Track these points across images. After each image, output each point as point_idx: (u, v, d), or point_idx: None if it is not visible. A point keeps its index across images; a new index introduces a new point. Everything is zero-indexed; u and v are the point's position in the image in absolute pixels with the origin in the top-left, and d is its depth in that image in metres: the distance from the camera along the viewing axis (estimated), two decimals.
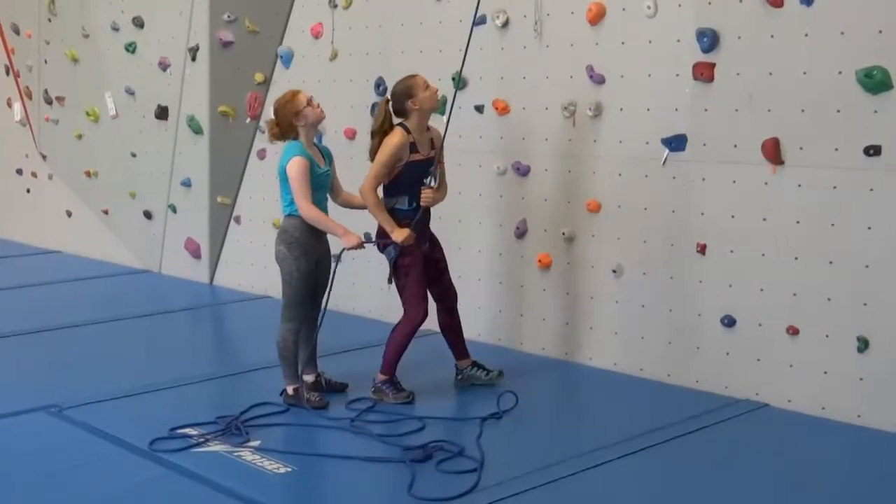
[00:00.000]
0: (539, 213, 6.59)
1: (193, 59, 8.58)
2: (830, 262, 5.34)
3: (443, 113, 6.45)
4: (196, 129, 8.64)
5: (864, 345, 5.24)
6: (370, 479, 4.60)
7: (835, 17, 5.24)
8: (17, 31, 10.75)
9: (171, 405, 5.56)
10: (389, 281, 5.69)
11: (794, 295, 5.48)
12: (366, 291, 7.31)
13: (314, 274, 5.55)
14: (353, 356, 6.38)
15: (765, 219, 5.57)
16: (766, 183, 5.55)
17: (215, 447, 4.90)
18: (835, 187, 5.31)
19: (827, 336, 5.37)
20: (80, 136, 10.05)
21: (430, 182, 5.59)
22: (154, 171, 9.18)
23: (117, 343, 7.01)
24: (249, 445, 4.92)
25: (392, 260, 5.61)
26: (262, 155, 8.43)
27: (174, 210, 9.06)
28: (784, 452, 4.97)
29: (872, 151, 5.16)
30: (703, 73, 5.73)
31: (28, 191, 11.01)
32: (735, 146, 5.66)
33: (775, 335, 5.56)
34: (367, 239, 6.26)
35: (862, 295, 5.25)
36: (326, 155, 5.67)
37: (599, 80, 6.20)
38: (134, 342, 7.09)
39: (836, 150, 5.28)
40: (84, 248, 10.19)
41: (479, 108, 6.83)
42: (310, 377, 5.71)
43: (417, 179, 5.59)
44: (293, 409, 5.47)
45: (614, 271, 6.21)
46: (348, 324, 5.82)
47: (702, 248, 5.83)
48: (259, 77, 8.38)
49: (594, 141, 6.27)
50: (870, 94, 5.14)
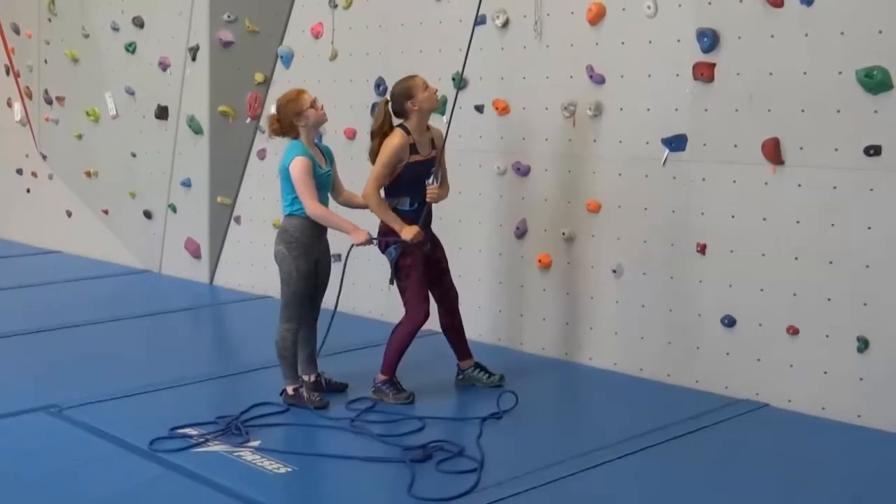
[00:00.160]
0: (539, 213, 6.59)
1: (193, 59, 8.58)
2: (830, 262, 5.34)
3: (443, 113, 6.46)
4: (196, 129, 8.64)
5: (864, 345, 5.24)
6: (370, 479, 4.60)
7: (835, 17, 5.23)
8: (17, 31, 10.75)
9: (171, 405, 5.56)
10: (391, 282, 5.68)
11: (795, 295, 5.48)
12: (366, 291, 7.32)
13: (314, 274, 5.55)
14: (354, 356, 6.38)
15: (765, 219, 5.57)
16: (766, 183, 5.55)
17: (215, 447, 4.90)
18: (835, 187, 5.31)
19: (827, 336, 5.37)
20: (80, 136, 10.05)
21: (432, 182, 5.59)
22: (154, 171, 9.18)
23: (117, 343, 7.01)
24: (249, 445, 4.92)
25: (393, 261, 5.61)
26: (262, 155, 8.43)
27: (174, 210, 9.06)
28: (784, 452, 4.96)
29: (872, 151, 5.16)
30: (704, 73, 5.73)
31: (28, 191, 11.01)
32: (735, 146, 5.66)
33: (775, 335, 5.56)
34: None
35: (862, 295, 5.24)
36: (327, 155, 5.67)
37: (599, 80, 6.20)
38: (134, 342, 7.09)
39: (837, 150, 5.28)
40: (84, 248, 10.19)
41: (479, 108, 6.83)
42: (310, 377, 5.71)
43: (418, 180, 5.59)
44: (293, 409, 5.47)
45: (614, 271, 6.21)
46: (348, 324, 5.82)
47: (702, 248, 5.83)
48: (259, 77, 8.38)
49: (594, 141, 6.27)
50: (870, 94, 5.14)
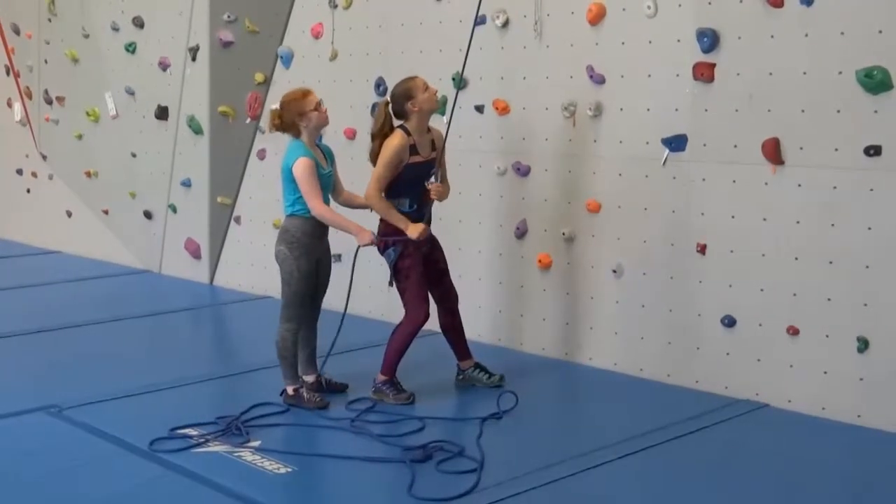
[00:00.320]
0: (539, 214, 6.59)
1: (193, 59, 8.58)
2: (830, 263, 5.34)
3: (443, 113, 6.46)
4: (196, 130, 8.64)
5: (864, 345, 5.24)
6: (370, 480, 4.60)
7: (835, 17, 5.23)
8: (17, 32, 10.75)
9: (171, 405, 5.56)
10: (390, 284, 5.68)
11: (795, 295, 5.48)
12: (366, 292, 7.31)
13: (314, 274, 5.56)
14: (354, 356, 6.38)
15: (765, 219, 5.57)
16: (766, 183, 5.55)
17: (215, 447, 4.91)
18: (835, 187, 5.31)
19: (827, 336, 5.37)
20: (80, 137, 10.05)
21: (434, 181, 5.59)
22: (154, 171, 9.18)
23: (117, 343, 7.01)
24: (250, 446, 4.92)
25: (392, 263, 5.61)
26: (262, 155, 8.43)
27: (174, 210, 9.06)
28: (784, 452, 4.97)
29: (872, 151, 5.16)
30: (704, 73, 5.73)
31: (28, 191, 11.01)
32: (735, 146, 5.66)
33: (775, 335, 5.56)
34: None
35: (862, 295, 5.25)
36: (328, 155, 5.66)
37: (599, 80, 6.20)
38: (134, 342, 7.09)
39: (837, 150, 5.28)
40: (84, 249, 10.19)
41: (479, 109, 6.83)
42: (310, 377, 5.72)
43: (418, 181, 5.59)
44: (293, 410, 5.47)
45: (614, 271, 6.21)
46: (348, 324, 5.82)
47: (702, 249, 5.83)
48: (259, 77, 8.38)
49: (594, 141, 6.27)
50: (870, 94, 5.14)
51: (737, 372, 5.73)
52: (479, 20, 6.29)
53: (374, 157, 5.61)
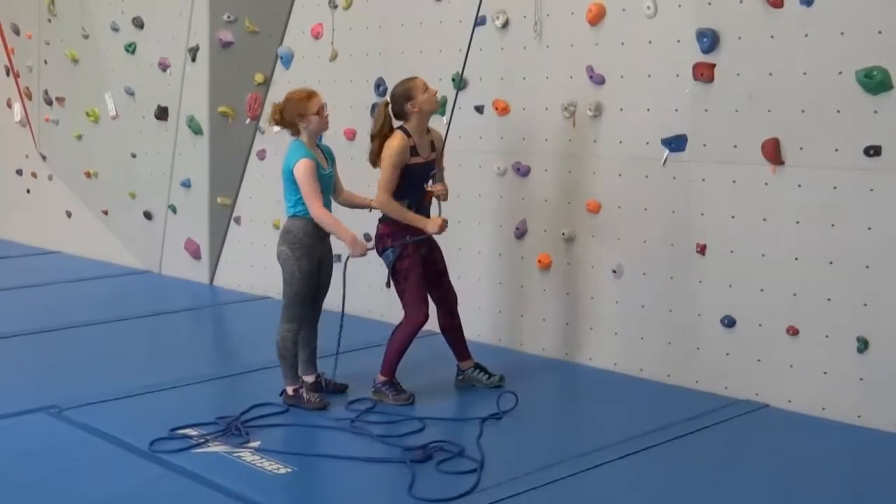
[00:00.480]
0: (539, 214, 6.59)
1: (193, 59, 8.58)
2: (830, 263, 5.34)
3: (443, 114, 6.46)
4: (196, 130, 8.64)
5: (864, 345, 5.24)
6: (370, 480, 4.60)
7: (835, 18, 5.23)
8: (17, 32, 10.75)
9: (171, 406, 5.56)
10: (388, 285, 5.68)
11: (794, 295, 5.48)
12: (365, 292, 7.31)
13: (316, 275, 5.55)
14: (353, 357, 6.36)
15: (765, 219, 5.57)
16: (766, 183, 5.55)
17: (215, 448, 4.91)
18: (835, 187, 5.31)
19: (827, 336, 5.37)
20: (79, 137, 10.05)
21: (431, 184, 5.59)
22: (154, 171, 9.18)
23: (117, 343, 7.01)
24: (249, 446, 4.91)
25: (390, 264, 5.61)
26: (262, 155, 8.43)
27: (174, 210, 9.06)
28: (784, 453, 4.97)
29: (872, 152, 5.16)
30: (703, 73, 5.73)
31: (28, 191, 11.01)
32: (735, 146, 5.66)
33: (775, 335, 5.56)
34: (367, 239, 6.27)
35: (862, 295, 5.24)
36: (329, 155, 5.65)
37: (599, 80, 6.20)
38: (134, 343, 7.09)
39: (837, 150, 5.28)
40: (84, 249, 10.19)
41: (479, 109, 6.83)
42: (310, 378, 5.72)
43: (418, 182, 5.60)
44: (293, 410, 5.47)
45: (614, 271, 6.21)
46: (348, 324, 5.81)
47: (702, 249, 5.83)
48: (259, 77, 8.38)
49: (594, 141, 6.27)
50: (870, 94, 5.14)
51: (737, 372, 5.73)
52: (479, 21, 6.29)
53: (373, 158, 5.60)
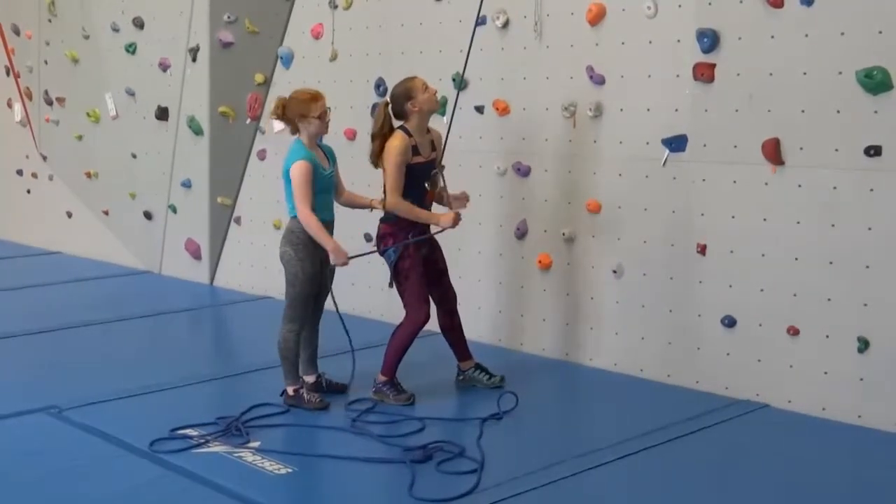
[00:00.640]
0: (539, 214, 6.59)
1: (194, 59, 8.58)
2: (831, 263, 5.34)
3: (443, 114, 6.46)
4: (196, 130, 8.64)
5: (864, 345, 5.24)
6: (370, 480, 4.60)
7: (835, 18, 5.23)
8: (17, 32, 10.75)
9: (171, 406, 5.56)
10: (390, 285, 5.68)
11: (795, 295, 5.48)
12: (366, 292, 7.31)
13: (319, 276, 5.54)
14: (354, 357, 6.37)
15: (765, 219, 5.57)
16: (766, 183, 5.55)
17: (216, 448, 4.90)
18: (835, 188, 5.31)
19: (827, 336, 5.37)
20: (80, 137, 10.05)
21: (437, 184, 5.60)
22: (154, 171, 9.18)
23: (118, 344, 7.01)
24: (250, 446, 4.91)
25: (392, 264, 5.61)
26: (262, 156, 8.43)
27: (174, 211, 9.06)
28: (784, 453, 4.97)
29: (873, 152, 5.16)
30: (704, 73, 5.73)
31: (28, 192, 11.01)
32: (735, 146, 5.66)
33: (776, 335, 5.56)
34: (367, 239, 6.27)
35: (862, 295, 5.24)
36: (330, 155, 5.64)
37: (599, 80, 6.20)
38: (134, 343, 7.09)
39: (837, 150, 5.28)
40: (84, 249, 10.19)
41: (479, 109, 6.83)
42: (310, 378, 5.72)
43: (419, 182, 5.60)
44: (293, 410, 5.47)
45: (614, 272, 6.21)
46: (348, 324, 5.81)
47: (702, 249, 5.83)
48: (259, 78, 8.38)
49: (594, 141, 6.27)
50: (870, 94, 5.14)
51: (737, 372, 5.73)
52: (480, 21, 6.29)
53: (374, 158, 5.60)
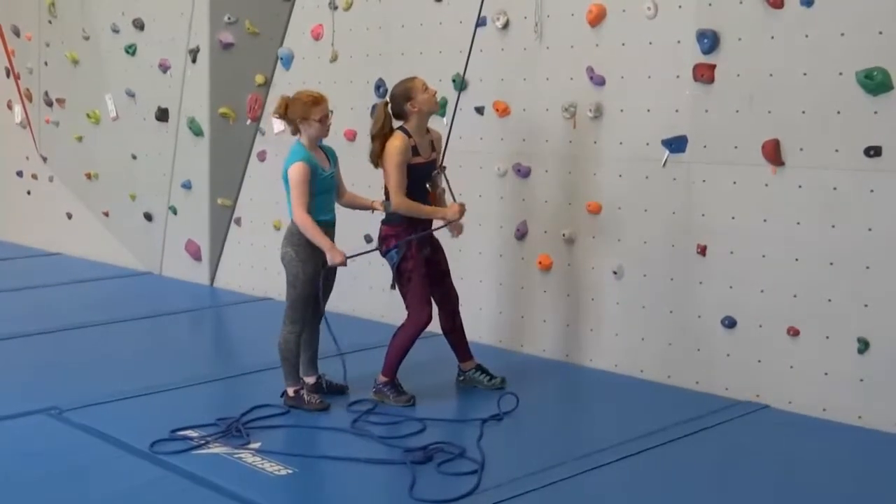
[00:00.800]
0: (539, 215, 6.59)
1: (194, 60, 8.59)
2: (831, 264, 5.34)
3: (443, 115, 6.46)
4: (196, 131, 8.64)
5: (864, 346, 5.24)
6: (371, 481, 4.60)
7: (835, 18, 5.24)
8: (17, 34, 10.76)
9: (171, 407, 5.56)
10: (392, 286, 5.68)
11: (795, 296, 5.48)
12: (366, 293, 7.32)
13: (320, 277, 5.54)
14: (354, 358, 6.36)
15: (765, 220, 5.57)
16: (766, 184, 5.55)
17: (216, 449, 4.90)
18: (835, 188, 5.31)
19: (827, 337, 5.37)
20: (80, 139, 10.05)
21: (437, 185, 5.60)
22: (154, 172, 9.18)
23: (118, 345, 7.01)
24: (250, 447, 4.91)
25: (394, 265, 5.61)
26: (262, 157, 8.43)
27: (175, 212, 9.06)
28: (785, 454, 4.97)
29: (873, 152, 5.16)
30: (704, 74, 5.73)
31: (28, 193, 11.02)
32: (735, 147, 5.66)
33: (776, 336, 5.56)
34: (368, 240, 6.27)
35: (862, 296, 5.24)
36: (331, 156, 5.63)
37: (600, 81, 6.20)
38: (134, 344, 7.09)
39: (837, 151, 5.28)
40: (84, 250, 10.20)
41: (479, 110, 6.83)
42: (311, 379, 5.71)
43: (419, 183, 5.60)
44: (294, 411, 5.47)
45: (615, 273, 6.21)
46: (348, 325, 5.82)
47: (702, 250, 5.83)
48: (259, 79, 8.38)
49: (594, 142, 6.27)
50: (870, 95, 5.14)
51: (737, 373, 5.73)
52: (480, 22, 6.29)
53: (374, 159, 5.60)
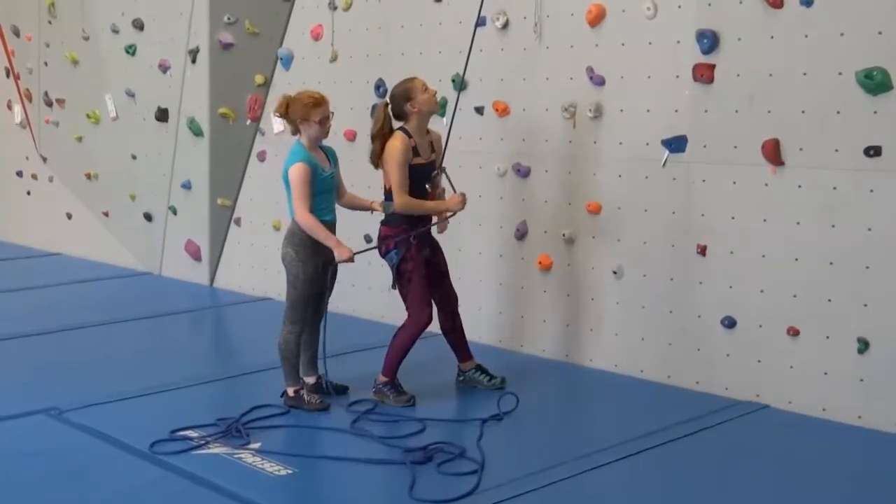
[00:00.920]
0: (539, 215, 6.59)
1: (193, 60, 8.59)
2: (831, 263, 5.34)
3: (443, 115, 6.46)
4: (196, 131, 8.64)
5: (864, 346, 5.24)
6: (371, 481, 4.60)
7: (835, 18, 5.24)
8: (17, 34, 10.76)
9: (171, 407, 5.56)
10: (393, 286, 5.68)
11: (795, 296, 5.48)
12: (366, 293, 7.32)
13: (320, 277, 5.54)
14: (354, 358, 6.37)
15: (765, 220, 5.57)
16: (766, 184, 5.55)
17: (216, 449, 4.90)
18: (835, 188, 5.31)
19: (827, 337, 5.37)
20: (80, 139, 10.05)
21: (437, 185, 5.60)
22: (154, 173, 9.18)
23: (118, 345, 7.01)
24: (250, 447, 4.91)
25: (394, 265, 5.60)
26: (262, 157, 8.43)
27: (174, 212, 9.06)
28: (785, 454, 4.97)
29: (872, 152, 5.16)
30: (703, 74, 5.73)
31: (28, 193, 11.02)
32: (735, 147, 5.66)
33: (776, 336, 5.56)
34: (367, 240, 6.27)
35: (862, 296, 5.24)
36: (331, 156, 5.63)
37: (599, 81, 6.20)
38: (134, 344, 7.08)
39: (837, 151, 5.28)
40: (84, 251, 10.20)
41: (479, 110, 6.83)
42: (311, 379, 5.71)
43: (419, 183, 5.60)
44: (293, 411, 5.47)
45: (615, 272, 6.21)
46: (348, 325, 5.82)
47: (702, 250, 5.83)
48: (259, 79, 8.38)
49: (594, 142, 6.27)
50: (870, 95, 5.14)
51: (737, 373, 5.73)
52: (480, 22, 6.29)
53: (374, 159, 5.60)
